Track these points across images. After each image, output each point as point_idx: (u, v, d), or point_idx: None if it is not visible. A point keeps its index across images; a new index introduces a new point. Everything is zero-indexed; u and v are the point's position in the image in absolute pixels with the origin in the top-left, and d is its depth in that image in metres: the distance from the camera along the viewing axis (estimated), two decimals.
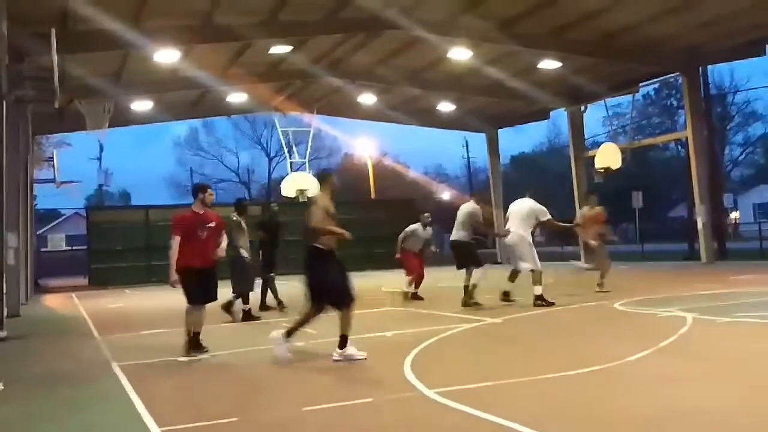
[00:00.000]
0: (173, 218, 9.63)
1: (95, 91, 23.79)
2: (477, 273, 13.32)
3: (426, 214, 16.16)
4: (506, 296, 13.58)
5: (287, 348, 8.55)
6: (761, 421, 5.21)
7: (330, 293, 8.51)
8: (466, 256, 13.57)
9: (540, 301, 12.90)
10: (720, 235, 27.15)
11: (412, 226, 15.86)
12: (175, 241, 9.12)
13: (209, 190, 9.81)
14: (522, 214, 13.46)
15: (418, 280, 15.59)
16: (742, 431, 5.09)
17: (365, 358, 8.34)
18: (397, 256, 15.76)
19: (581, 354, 8.16)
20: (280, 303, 14.36)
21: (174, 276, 9.14)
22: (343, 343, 8.44)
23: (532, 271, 13.15)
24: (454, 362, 8.39)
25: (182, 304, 9.47)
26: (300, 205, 32.88)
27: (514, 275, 13.65)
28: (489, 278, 13.63)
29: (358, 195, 41.70)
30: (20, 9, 15.30)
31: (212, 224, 9.46)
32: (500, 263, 32.14)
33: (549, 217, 13.64)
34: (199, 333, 9.42)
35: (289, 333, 8.60)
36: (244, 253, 13.19)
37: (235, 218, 13.19)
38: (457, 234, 13.71)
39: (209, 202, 9.69)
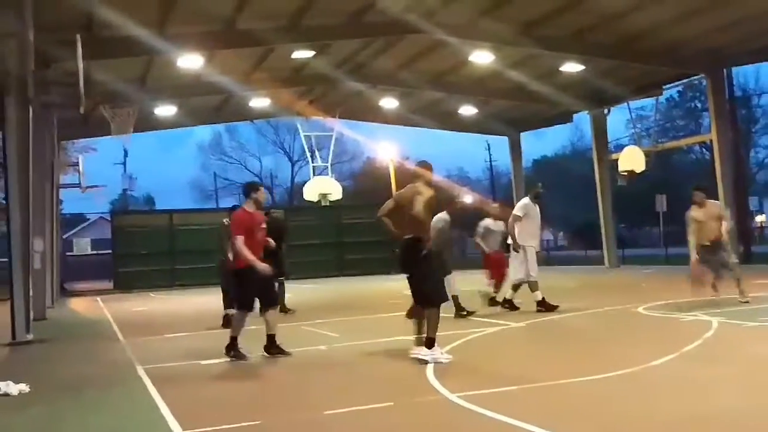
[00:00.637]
0: (234, 217, 9.44)
1: (120, 96, 24.01)
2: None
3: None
4: (493, 302, 13.28)
5: (441, 353, 8.18)
6: None
7: (421, 290, 8.19)
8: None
9: (540, 306, 12.67)
10: (745, 238, 26.88)
11: (484, 222, 14.03)
12: (240, 240, 8.98)
13: (261, 188, 9.64)
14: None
15: (499, 281, 13.80)
16: None
17: (450, 360, 8.12)
18: (488, 252, 13.84)
19: (605, 358, 8.12)
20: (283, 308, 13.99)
21: (262, 266, 8.98)
22: (430, 343, 8.10)
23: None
24: (477, 366, 8.37)
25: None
26: (308, 209, 33.02)
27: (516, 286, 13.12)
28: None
29: (381, 199, 41.71)
30: (46, 16, 15.49)
31: (264, 225, 9.40)
32: None
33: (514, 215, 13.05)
34: (236, 338, 9.27)
35: (429, 343, 8.13)
36: None
37: (227, 222, 12.35)
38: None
39: (263, 202, 9.55)
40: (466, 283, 13.84)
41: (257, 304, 9.30)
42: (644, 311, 12.06)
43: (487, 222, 13.94)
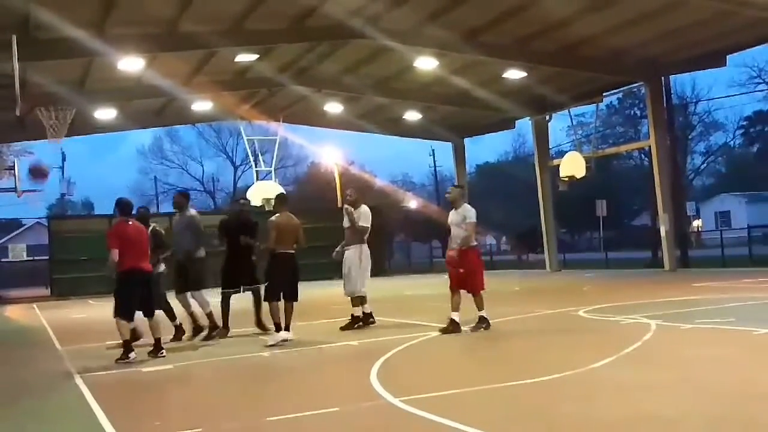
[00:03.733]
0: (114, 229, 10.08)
1: (58, 99, 23.50)
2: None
3: None
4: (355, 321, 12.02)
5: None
6: (716, 428, 5.27)
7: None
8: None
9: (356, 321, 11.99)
10: (683, 243, 27.51)
11: None
12: (115, 253, 9.63)
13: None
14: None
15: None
16: None
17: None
18: None
19: (546, 361, 8.20)
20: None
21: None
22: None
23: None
24: (420, 370, 8.38)
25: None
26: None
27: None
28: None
29: (325, 203, 41.62)
30: None
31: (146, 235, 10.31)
32: None
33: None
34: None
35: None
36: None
37: (159, 228, 11.81)
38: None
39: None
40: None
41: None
42: (585, 314, 12.23)
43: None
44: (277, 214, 11.04)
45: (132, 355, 9.46)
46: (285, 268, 10.71)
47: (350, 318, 11.96)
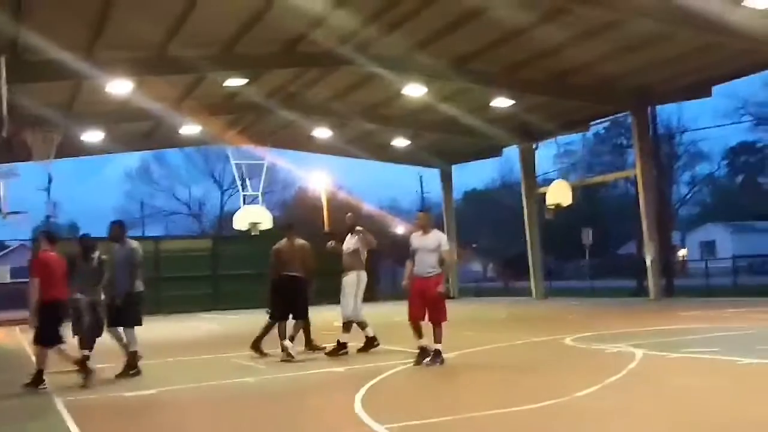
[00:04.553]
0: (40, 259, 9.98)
1: (45, 121, 23.41)
2: None
3: None
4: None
5: None
6: None
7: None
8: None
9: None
10: (668, 272, 27.60)
11: None
12: (36, 282, 9.68)
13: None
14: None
15: None
16: None
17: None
18: None
19: (531, 389, 8.17)
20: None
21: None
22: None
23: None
24: (405, 397, 8.35)
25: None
26: (238, 239, 32.37)
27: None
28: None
29: (312, 229, 41.55)
30: None
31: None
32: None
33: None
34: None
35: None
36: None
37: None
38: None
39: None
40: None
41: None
42: (571, 342, 12.21)
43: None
44: (282, 240, 12.06)
45: (43, 385, 9.49)
46: (285, 290, 11.73)
47: (336, 344, 11.86)
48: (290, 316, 11.83)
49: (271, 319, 12.10)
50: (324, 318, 13.93)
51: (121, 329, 10.50)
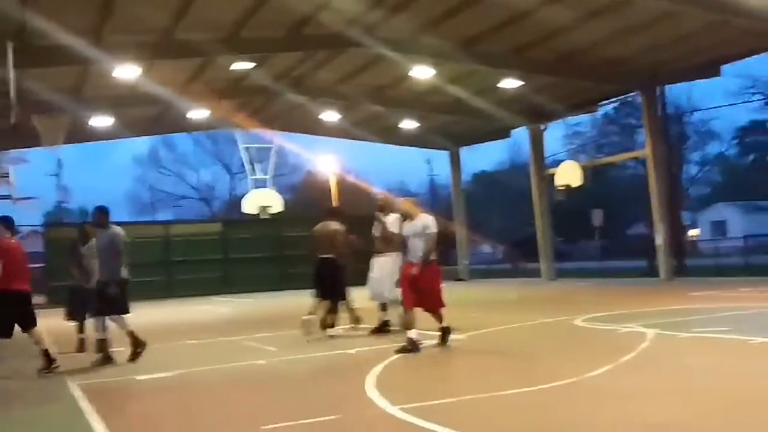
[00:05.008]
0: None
1: (53, 106, 23.42)
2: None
3: None
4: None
5: None
6: None
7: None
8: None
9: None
10: (678, 252, 27.53)
11: None
12: None
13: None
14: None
15: None
16: None
17: None
18: None
19: (543, 370, 8.18)
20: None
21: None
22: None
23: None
24: (417, 378, 8.36)
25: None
26: (247, 223, 32.52)
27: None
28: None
29: (320, 212, 41.59)
30: None
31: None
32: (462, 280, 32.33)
33: None
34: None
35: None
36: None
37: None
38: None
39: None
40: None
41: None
42: (581, 323, 12.21)
43: None
44: (320, 223, 12.51)
45: None
46: (317, 271, 12.29)
47: (379, 323, 12.16)
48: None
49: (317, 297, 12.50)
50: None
51: (107, 318, 10.27)
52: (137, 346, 10.30)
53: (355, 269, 12.83)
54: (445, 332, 10.19)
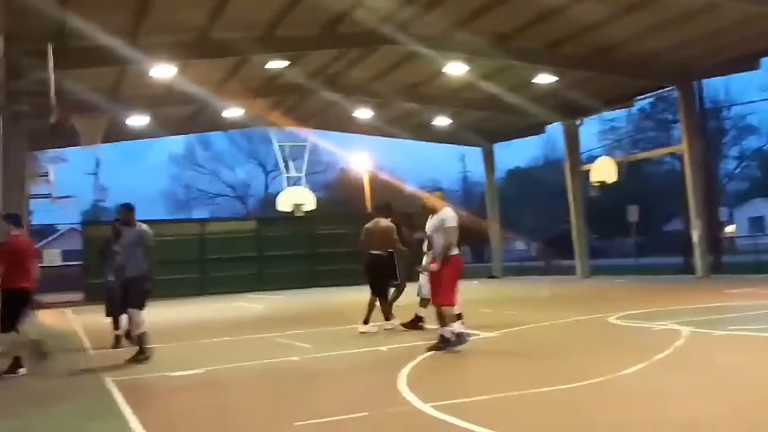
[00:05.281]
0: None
1: (91, 106, 23.76)
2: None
3: None
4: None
5: None
6: None
7: None
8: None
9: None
10: (715, 248, 27.18)
11: None
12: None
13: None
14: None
15: None
16: None
17: None
18: None
19: (577, 367, 8.15)
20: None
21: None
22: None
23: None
24: (449, 376, 8.38)
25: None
26: (281, 220, 32.75)
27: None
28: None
29: (355, 210, 41.72)
30: (17, 25, 15.35)
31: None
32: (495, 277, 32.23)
33: None
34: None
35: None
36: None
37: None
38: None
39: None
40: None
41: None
42: (616, 321, 12.14)
43: None
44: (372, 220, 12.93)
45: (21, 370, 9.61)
46: (367, 267, 12.67)
47: (414, 317, 12.37)
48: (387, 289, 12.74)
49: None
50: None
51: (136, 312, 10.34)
52: (141, 351, 10.26)
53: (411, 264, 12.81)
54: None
